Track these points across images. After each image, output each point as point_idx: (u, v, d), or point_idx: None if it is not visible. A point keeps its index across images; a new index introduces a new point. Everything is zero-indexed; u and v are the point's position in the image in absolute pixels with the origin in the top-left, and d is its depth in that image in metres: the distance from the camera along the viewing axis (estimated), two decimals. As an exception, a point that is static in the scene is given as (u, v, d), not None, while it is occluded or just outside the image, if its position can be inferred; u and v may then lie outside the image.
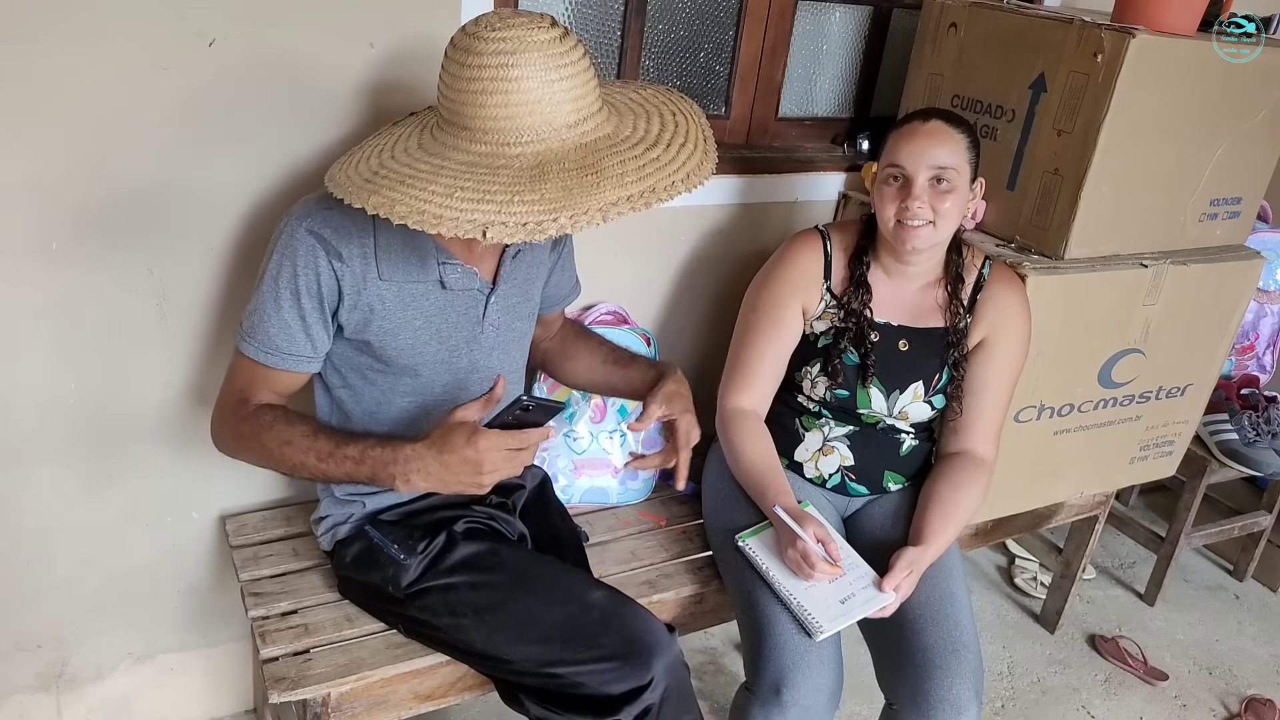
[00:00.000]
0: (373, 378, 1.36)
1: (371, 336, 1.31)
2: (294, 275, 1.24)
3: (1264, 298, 2.50)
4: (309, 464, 1.25)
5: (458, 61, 1.11)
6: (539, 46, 1.08)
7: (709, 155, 1.20)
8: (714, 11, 1.97)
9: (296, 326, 1.27)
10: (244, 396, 1.29)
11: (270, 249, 1.27)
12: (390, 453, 1.22)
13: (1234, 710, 2.25)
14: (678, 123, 1.22)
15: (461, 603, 1.34)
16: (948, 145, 1.49)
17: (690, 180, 1.15)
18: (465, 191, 1.07)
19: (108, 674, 1.69)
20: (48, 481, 1.51)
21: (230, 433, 1.31)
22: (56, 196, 1.36)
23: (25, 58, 1.27)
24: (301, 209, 1.27)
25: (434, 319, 1.33)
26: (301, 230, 1.24)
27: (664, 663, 1.30)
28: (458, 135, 1.13)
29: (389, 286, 1.29)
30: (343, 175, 1.18)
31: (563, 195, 1.07)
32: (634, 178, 1.10)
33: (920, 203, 1.48)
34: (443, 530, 1.39)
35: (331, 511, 1.45)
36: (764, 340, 1.64)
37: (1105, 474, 2.12)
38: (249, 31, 1.38)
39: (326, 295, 1.26)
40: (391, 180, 1.11)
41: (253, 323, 1.27)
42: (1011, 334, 1.63)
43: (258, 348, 1.27)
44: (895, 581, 1.47)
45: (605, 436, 1.81)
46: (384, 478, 1.22)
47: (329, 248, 1.24)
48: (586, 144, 1.13)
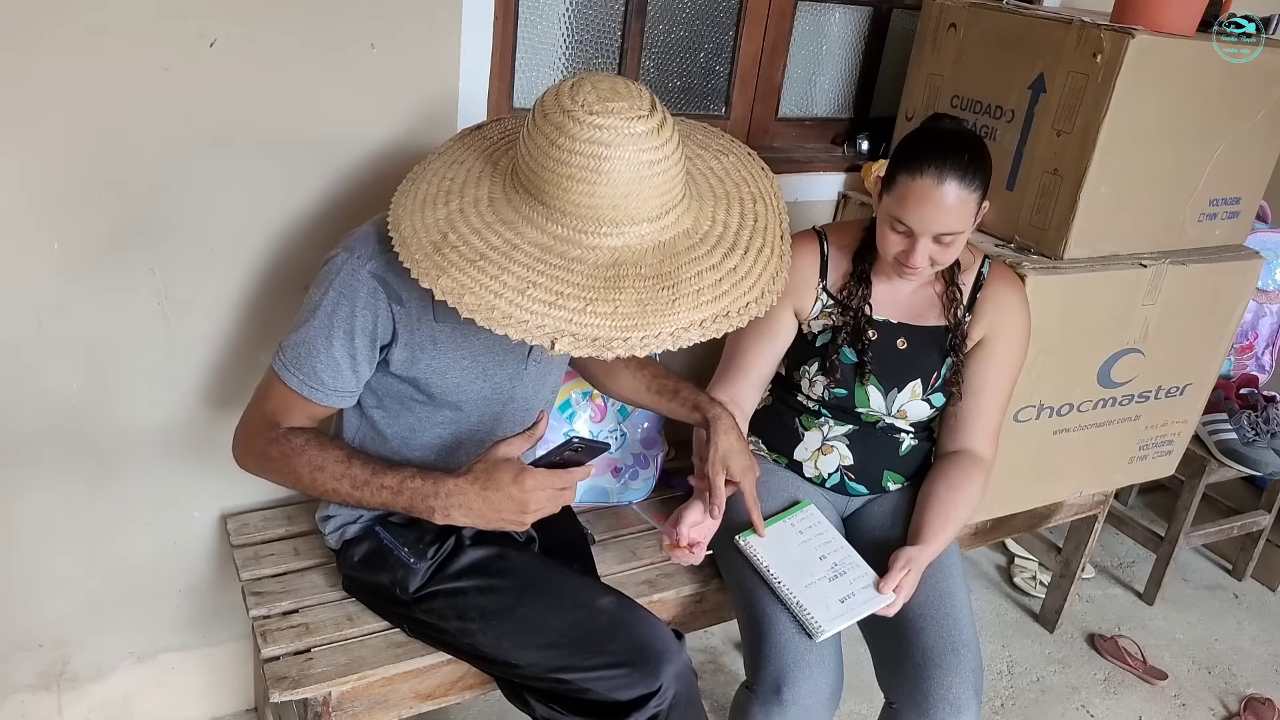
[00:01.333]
0: (411, 406, 1.35)
1: (419, 374, 1.30)
2: (351, 315, 1.22)
3: (1263, 297, 2.51)
4: (342, 490, 1.23)
5: (548, 137, 1.06)
6: (635, 140, 1.05)
7: (784, 261, 1.18)
8: (714, 11, 1.97)
9: (346, 365, 1.25)
10: (275, 420, 1.26)
11: (325, 281, 1.23)
12: (431, 485, 1.20)
13: (1233, 709, 2.25)
14: (757, 214, 1.20)
15: (469, 607, 1.34)
16: (957, 211, 1.44)
17: (764, 301, 1.12)
18: (538, 290, 1.04)
19: (108, 673, 1.69)
20: (49, 481, 1.52)
21: (257, 453, 1.28)
22: (58, 196, 1.36)
23: (27, 58, 1.27)
24: (364, 247, 1.22)
25: (481, 358, 1.33)
26: (364, 272, 1.21)
27: (673, 670, 1.30)
28: (534, 208, 1.09)
29: (443, 328, 1.28)
30: (408, 227, 1.12)
31: (637, 311, 1.04)
32: (709, 295, 1.08)
33: (923, 256, 1.48)
34: (452, 534, 1.38)
35: (340, 511, 1.45)
36: (752, 340, 1.64)
37: (1104, 473, 2.12)
38: (250, 32, 1.38)
39: (381, 336, 1.25)
40: (461, 259, 1.07)
41: (299, 355, 1.24)
42: (1010, 333, 1.63)
43: (302, 381, 1.24)
44: (894, 581, 1.48)
45: (605, 436, 1.82)
46: (422, 510, 1.21)
47: (391, 293, 1.22)
48: (665, 243, 1.10)
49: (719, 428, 1.45)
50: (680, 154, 1.11)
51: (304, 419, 1.28)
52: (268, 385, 1.28)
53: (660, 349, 1.05)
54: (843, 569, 1.52)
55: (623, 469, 1.83)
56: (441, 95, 1.57)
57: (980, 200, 1.47)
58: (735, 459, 1.45)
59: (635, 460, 1.85)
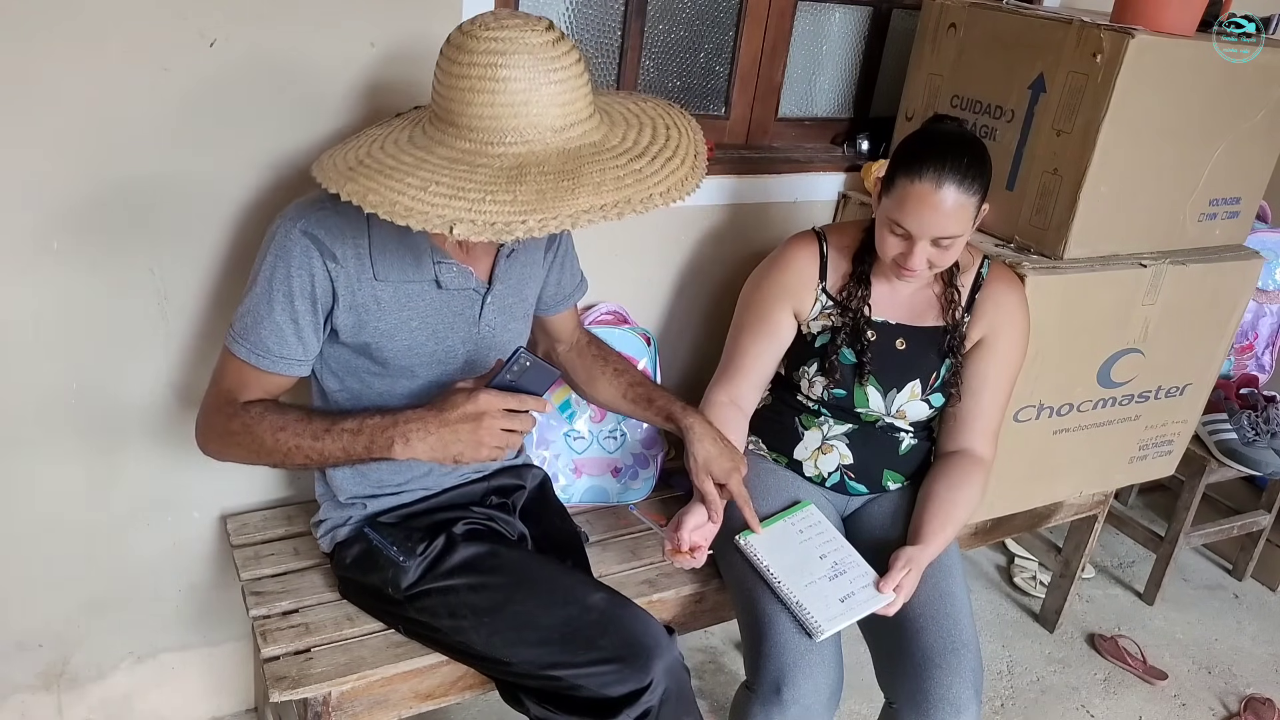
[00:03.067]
0: (369, 380, 1.36)
1: (368, 338, 1.31)
2: (288, 277, 1.24)
3: (1263, 297, 2.51)
4: (304, 445, 1.24)
5: (450, 58, 1.11)
6: (530, 49, 1.08)
7: (695, 171, 1.18)
8: (714, 12, 1.97)
9: (289, 329, 1.26)
10: (231, 397, 1.28)
11: (263, 250, 1.27)
12: (389, 419, 1.22)
13: (1233, 709, 2.25)
14: (670, 136, 1.21)
15: (461, 605, 1.35)
16: (956, 215, 1.44)
17: (670, 195, 1.13)
18: (440, 187, 1.07)
19: (109, 673, 1.69)
20: (49, 481, 1.52)
21: (218, 431, 1.29)
22: (58, 196, 1.36)
23: (26, 57, 1.27)
24: (295, 210, 1.26)
25: (430, 319, 1.34)
26: (295, 231, 1.24)
27: (663, 665, 1.30)
28: (445, 131, 1.13)
29: (384, 287, 1.29)
30: (329, 162, 1.17)
31: (535, 199, 1.06)
32: (611, 187, 1.09)
33: (921, 260, 1.48)
34: (442, 532, 1.39)
35: (331, 514, 1.46)
36: (751, 340, 1.64)
37: (1104, 473, 2.12)
38: (250, 31, 1.38)
39: (320, 297, 1.26)
40: (371, 170, 1.11)
41: (245, 324, 1.26)
42: (1010, 333, 1.63)
43: (249, 350, 1.26)
44: (894, 581, 1.48)
45: (605, 436, 1.82)
46: (382, 444, 1.21)
47: (323, 248, 1.24)
48: (570, 150, 1.12)
49: (693, 437, 1.47)
50: (583, 72, 1.14)
51: (259, 393, 1.29)
52: (222, 363, 1.31)
53: (559, 229, 1.06)
54: (843, 568, 1.52)
55: (623, 469, 1.83)
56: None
57: (979, 203, 1.47)
58: (716, 464, 1.47)
59: (635, 460, 1.85)
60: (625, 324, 1.87)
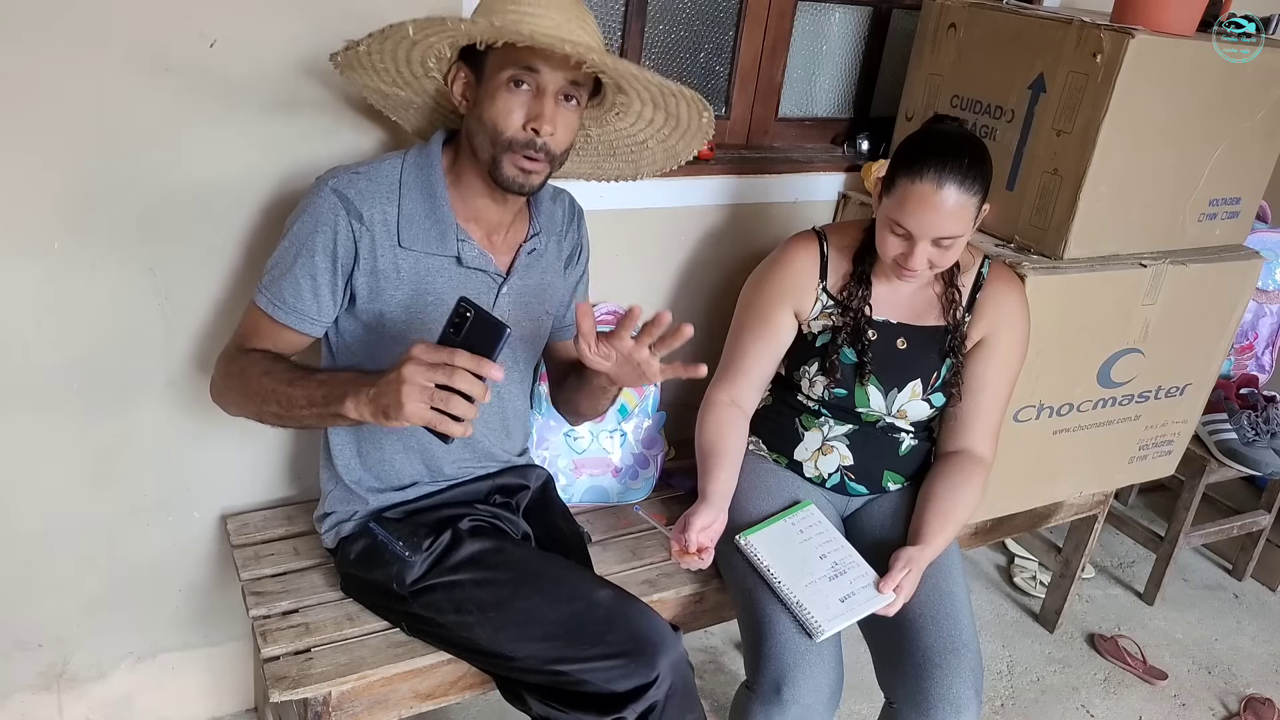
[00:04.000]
0: (383, 359, 1.33)
1: (384, 306, 1.32)
2: (313, 231, 1.28)
3: (1263, 297, 2.51)
4: (279, 390, 1.23)
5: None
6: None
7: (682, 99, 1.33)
8: (714, 12, 1.97)
9: (306, 285, 1.29)
10: (243, 343, 1.33)
11: (299, 209, 1.31)
12: (351, 374, 1.19)
13: (1233, 709, 2.25)
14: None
15: (466, 600, 1.35)
16: (957, 216, 1.44)
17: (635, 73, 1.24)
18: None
19: (109, 673, 1.69)
20: (49, 480, 1.52)
21: (222, 372, 1.33)
22: (58, 196, 1.36)
23: (27, 57, 1.27)
24: (329, 172, 1.31)
25: (445, 297, 1.34)
26: (326, 189, 1.28)
27: (669, 661, 1.30)
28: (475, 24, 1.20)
29: (406, 256, 1.32)
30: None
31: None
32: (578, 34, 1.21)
33: (922, 260, 1.48)
34: (448, 528, 1.39)
35: (336, 508, 1.46)
36: (751, 340, 1.64)
37: (1104, 473, 2.12)
38: (250, 32, 1.38)
39: (342, 256, 1.29)
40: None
41: (271, 276, 1.31)
42: (1010, 334, 1.63)
43: (268, 300, 1.30)
44: (894, 582, 1.48)
45: (605, 436, 1.82)
46: (337, 394, 1.16)
47: (350, 208, 1.28)
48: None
49: None
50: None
51: (270, 345, 1.32)
52: (245, 312, 1.36)
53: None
54: (843, 568, 1.52)
55: (622, 469, 1.84)
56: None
57: (980, 204, 1.47)
58: None
59: (635, 460, 1.85)
60: (625, 324, 1.87)
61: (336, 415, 1.18)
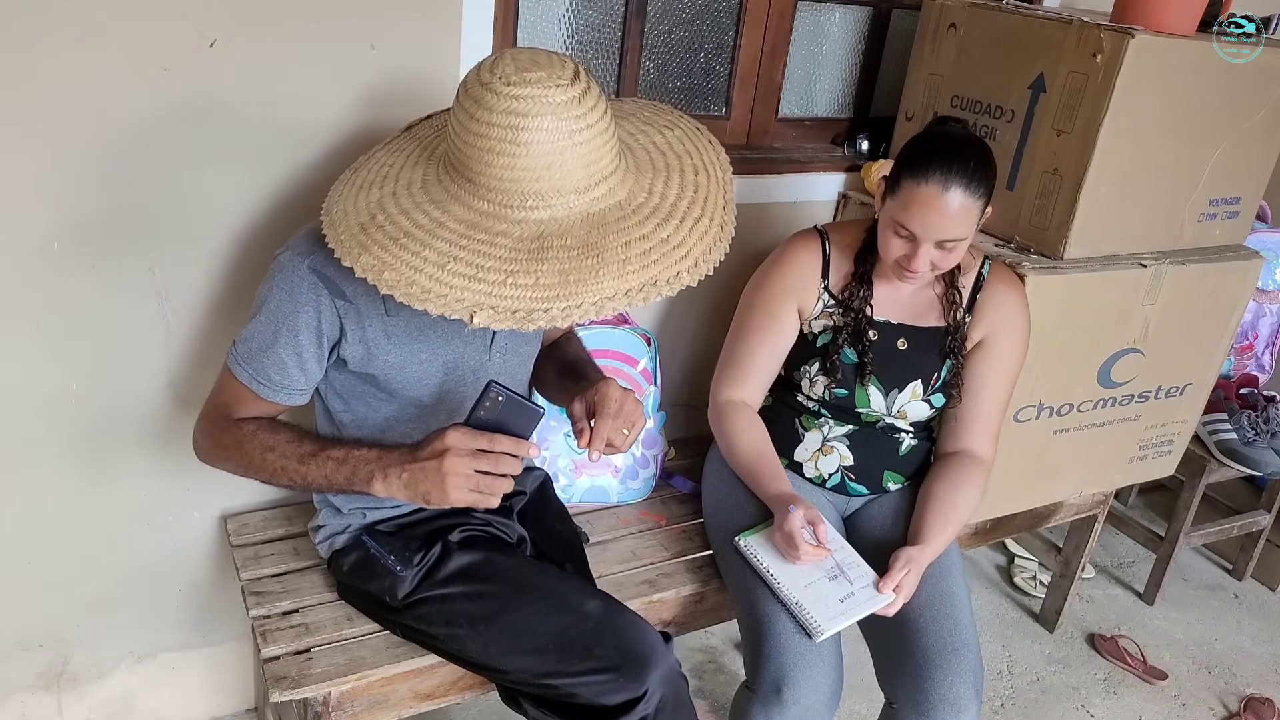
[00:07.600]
0: (375, 405, 1.35)
1: (376, 370, 1.29)
2: (294, 313, 1.21)
3: (1263, 297, 2.51)
4: (289, 468, 1.21)
5: (468, 112, 1.05)
6: (554, 110, 1.02)
7: (725, 232, 1.12)
8: (714, 12, 1.97)
9: (292, 364, 1.24)
10: (228, 412, 1.27)
11: (269, 279, 1.23)
12: (374, 453, 1.18)
13: (1233, 709, 2.25)
14: (698, 184, 1.14)
15: (457, 613, 1.34)
16: (961, 218, 1.43)
17: (697, 270, 1.07)
18: (458, 264, 1.02)
19: (109, 673, 1.70)
20: (49, 481, 1.52)
21: (211, 442, 1.29)
22: (58, 196, 1.36)
23: (27, 58, 1.27)
24: (303, 244, 1.22)
25: (441, 351, 1.32)
26: (304, 268, 1.20)
27: (659, 674, 1.29)
28: (462, 186, 1.08)
29: (396, 321, 1.27)
30: (339, 211, 1.12)
31: (559, 281, 1.01)
32: (636, 265, 1.03)
33: (924, 261, 1.47)
34: (438, 540, 1.38)
35: (329, 521, 1.45)
36: (757, 338, 1.64)
37: (1104, 473, 2.12)
38: (250, 32, 1.38)
39: (327, 333, 1.24)
40: (386, 237, 1.06)
41: (249, 349, 1.24)
42: (1010, 334, 1.63)
43: (251, 376, 1.25)
44: (894, 582, 1.48)
45: (605, 436, 1.81)
46: (362, 476, 1.17)
47: (332, 286, 1.21)
48: (594, 214, 1.07)
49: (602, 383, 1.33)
50: (609, 124, 1.08)
51: (257, 412, 1.28)
52: (223, 378, 1.29)
53: (584, 320, 1.02)
54: (843, 569, 1.52)
55: (622, 469, 1.83)
56: (443, 96, 1.57)
57: (984, 206, 1.47)
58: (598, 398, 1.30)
59: (635, 460, 1.85)
60: (625, 324, 1.87)
61: (361, 494, 1.19)
